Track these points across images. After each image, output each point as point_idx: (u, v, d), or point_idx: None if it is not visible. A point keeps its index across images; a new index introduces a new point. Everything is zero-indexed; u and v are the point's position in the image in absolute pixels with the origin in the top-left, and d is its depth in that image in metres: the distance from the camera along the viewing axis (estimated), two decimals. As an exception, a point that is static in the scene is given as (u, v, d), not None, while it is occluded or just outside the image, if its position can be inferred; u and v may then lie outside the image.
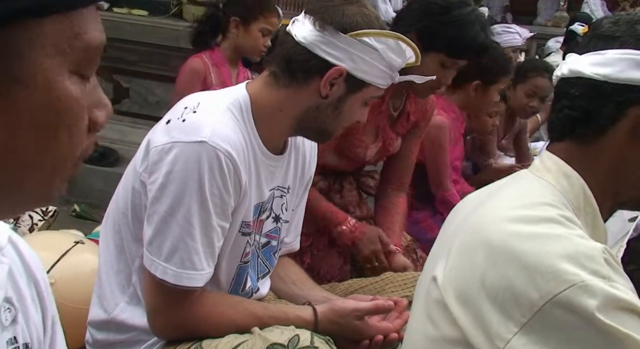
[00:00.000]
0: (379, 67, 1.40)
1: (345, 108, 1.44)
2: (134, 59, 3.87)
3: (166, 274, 1.31)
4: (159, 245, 1.31)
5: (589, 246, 0.89)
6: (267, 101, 1.42)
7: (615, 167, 0.99)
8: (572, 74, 1.02)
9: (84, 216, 3.52)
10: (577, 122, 1.01)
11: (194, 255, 1.31)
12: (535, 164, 1.07)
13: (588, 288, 0.83)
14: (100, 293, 1.48)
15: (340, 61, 1.38)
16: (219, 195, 1.31)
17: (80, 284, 2.06)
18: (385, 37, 1.38)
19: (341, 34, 1.36)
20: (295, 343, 1.27)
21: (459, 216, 1.11)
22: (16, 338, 0.70)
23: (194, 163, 1.28)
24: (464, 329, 0.93)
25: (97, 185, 3.71)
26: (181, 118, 1.34)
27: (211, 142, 1.29)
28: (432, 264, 1.08)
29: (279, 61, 1.43)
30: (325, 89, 1.39)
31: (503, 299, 0.89)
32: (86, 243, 2.27)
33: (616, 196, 1.02)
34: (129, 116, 4.02)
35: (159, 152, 1.31)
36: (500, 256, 0.91)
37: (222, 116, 1.37)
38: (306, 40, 1.38)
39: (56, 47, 0.50)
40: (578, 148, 1.01)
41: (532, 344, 0.86)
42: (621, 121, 0.98)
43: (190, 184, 1.28)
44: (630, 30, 0.99)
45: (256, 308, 1.43)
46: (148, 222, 1.33)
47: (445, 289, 0.99)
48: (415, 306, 1.12)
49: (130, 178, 1.43)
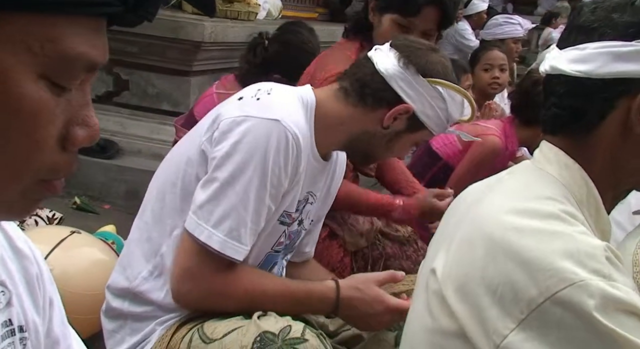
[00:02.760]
0: (440, 116, 1.50)
1: (398, 143, 1.54)
2: (133, 50, 3.86)
3: (211, 239, 1.33)
4: (210, 210, 1.34)
5: (590, 244, 0.88)
6: (331, 111, 1.49)
7: (612, 158, 0.98)
8: (554, 71, 1.00)
9: (84, 208, 3.52)
10: (567, 120, 0.99)
11: (242, 227, 1.35)
12: (535, 156, 1.06)
13: (587, 287, 0.83)
14: (125, 260, 1.50)
15: (411, 100, 1.47)
16: (278, 175, 1.36)
17: (77, 270, 2.09)
18: (455, 92, 1.49)
19: (420, 77, 1.46)
20: (286, 333, 1.30)
21: (461, 208, 1.10)
22: (11, 320, 0.70)
23: (264, 138, 1.33)
24: (461, 322, 0.93)
25: (97, 177, 3.72)
26: (255, 97, 1.41)
27: (284, 122, 1.35)
28: (433, 255, 1.07)
29: (353, 81, 1.51)
30: (389, 120, 1.48)
31: (502, 294, 0.88)
32: (82, 233, 2.28)
33: (617, 186, 1.01)
34: (128, 108, 4.01)
35: (230, 123, 1.36)
36: (500, 250, 0.91)
37: (294, 104, 1.44)
38: (387, 72, 1.47)
39: (25, 45, 0.48)
40: (573, 142, 1.00)
41: (529, 340, 0.85)
42: (611, 114, 0.96)
43: (256, 158, 1.33)
44: (607, 20, 0.95)
45: (283, 279, 1.50)
46: (203, 188, 1.36)
47: (444, 281, 0.98)
48: (415, 297, 1.12)
49: (187, 148, 1.46)
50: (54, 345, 0.78)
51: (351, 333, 1.60)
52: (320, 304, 1.47)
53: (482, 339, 0.90)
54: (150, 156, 3.68)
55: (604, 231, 1.00)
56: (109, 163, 3.74)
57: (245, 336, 1.32)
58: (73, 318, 1.64)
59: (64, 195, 3.66)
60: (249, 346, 1.30)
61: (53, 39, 0.49)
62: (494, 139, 2.52)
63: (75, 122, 0.53)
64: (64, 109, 0.52)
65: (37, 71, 0.50)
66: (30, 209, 0.56)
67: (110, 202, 3.62)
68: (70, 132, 0.53)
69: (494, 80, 3.51)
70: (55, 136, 0.52)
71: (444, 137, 2.70)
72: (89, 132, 0.55)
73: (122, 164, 3.73)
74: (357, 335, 1.60)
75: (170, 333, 1.42)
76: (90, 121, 0.55)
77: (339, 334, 1.59)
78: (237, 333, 1.33)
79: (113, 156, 3.81)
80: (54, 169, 0.54)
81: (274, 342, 1.29)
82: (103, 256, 2.21)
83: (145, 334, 1.45)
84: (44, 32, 0.49)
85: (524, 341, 0.85)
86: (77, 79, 0.53)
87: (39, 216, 2.70)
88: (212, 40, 3.75)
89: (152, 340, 1.44)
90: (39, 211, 2.71)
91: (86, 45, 0.51)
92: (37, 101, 0.50)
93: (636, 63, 0.93)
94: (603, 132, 0.97)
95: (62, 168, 0.54)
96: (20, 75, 0.49)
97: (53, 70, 0.50)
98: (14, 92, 0.49)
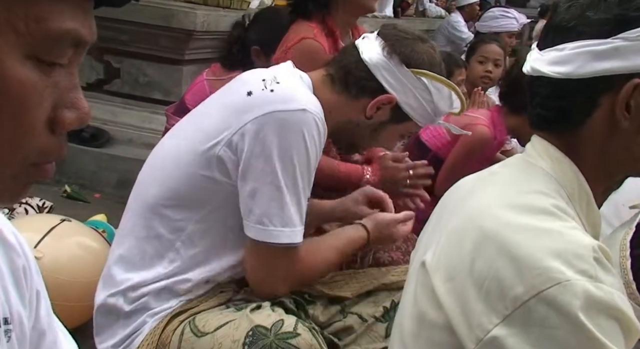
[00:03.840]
0: (425, 108, 1.48)
1: (383, 134, 1.53)
2: (124, 38, 3.83)
3: (286, 237, 1.38)
4: (276, 214, 1.36)
5: (580, 243, 0.88)
6: (322, 97, 1.47)
7: (601, 153, 0.98)
8: (535, 72, 1.00)
9: (74, 196, 3.50)
10: (553, 120, 0.99)
11: (298, 215, 1.39)
12: (527, 150, 1.06)
13: (573, 287, 0.83)
14: (137, 258, 1.47)
15: (394, 90, 1.45)
16: (316, 158, 1.40)
17: (67, 258, 2.08)
18: (442, 84, 1.47)
19: (404, 67, 1.44)
20: (278, 327, 1.30)
21: (452, 201, 1.10)
22: None
23: (298, 131, 1.34)
24: (448, 314, 0.93)
25: (88, 166, 3.70)
26: (267, 89, 1.38)
27: (310, 109, 1.37)
28: (424, 247, 1.08)
29: (338, 69, 1.50)
30: (372, 110, 1.47)
31: (488, 289, 0.89)
32: (73, 221, 2.27)
33: (608, 179, 1.02)
34: (119, 96, 3.99)
35: (258, 125, 1.34)
36: (490, 245, 0.91)
37: (304, 86, 1.45)
38: (371, 60, 1.45)
39: (10, 24, 0.48)
40: (561, 139, 1.00)
41: (512, 336, 0.85)
42: (596, 112, 0.96)
43: (297, 151, 1.34)
44: (582, 18, 0.95)
45: (330, 241, 1.56)
46: (254, 196, 1.36)
47: (433, 273, 0.99)
48: (406, 288, 1.12)
49: (190, 166, 1.42)
50: (40, 337, 0.77)
51: (342, 324, 1.60)
52: (359, 245, 1.59)
53: (465, 332, 0.90)
54: (142, 145, 3.66)
55: (595, 225, 1.00)
56: (99, 152, 3.73)
57: (237, 330, 1.32)
58: (63, 305, 1.65)
59: (54, 183, 3.64)
60: (240, 340, 1.30)
61: (38, 17, 0.49)
62: (483, 129, 2.52)
63: (63, 105, 0.53)
64: (52, 92, 0.52)
65: (24, 51, 0.49)
66: (21, 194, 0.55)
67: (100, 191, 3.61)
68: (59, 115, 0.53)
69: (486, 74, 3.53)
70: (44, 118, 0.52)
71: (433, 129, 2.70)
72: (78, 115, 0.54)
73: (113, 152, 3.71)
74: (349, 327, 1.60)
75: (162, 325, 1.41)
76: (80, 104, 0.54)
77: (330, 326, 1.59)
78: (229, 327, 1.33)
79: (104, 144, 3.79)
80: (43, 153, 0.53)
81: (266, 336, 1.29)
82: (94, 244, 2.20)
83: (135, 327, 1.44)
84: (28, 11, 0.48)
85: (507, 337, 0.86)
86: (65, 56, 0.52)
87: (29, 205, 2.68)
88: (204, 29, 3.72)
89: (144, 332, 1.43)
90: (28, 200, 2.69)
91: (72, 22, 0.51)
92: (24, 82, 0.49)
93: (614, 60, 0.92)
94: (590, 128, 0.97)
95: (52, 151, 0.54)
96: (6, 56, 0.48)
97: (40, 49, 0.50)
98: (4, 74, 0.48)
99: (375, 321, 1.61)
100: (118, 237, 1.55)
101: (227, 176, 1.39)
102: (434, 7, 8.87)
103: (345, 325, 1.61)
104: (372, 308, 1.62)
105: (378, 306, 1.62)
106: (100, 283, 1.52)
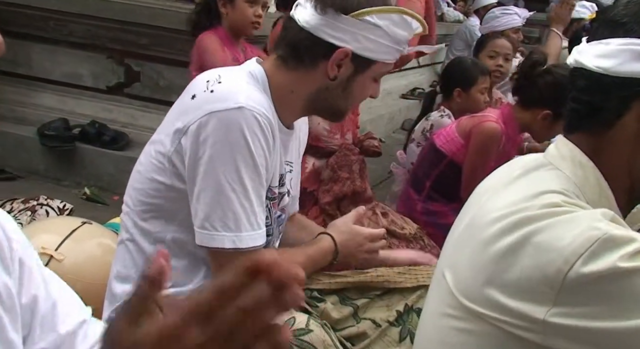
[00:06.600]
0: (384, 44, 1.41)
1: (355, 87, 1.46)
2: (144, 42, 3.87)
3: (240, 241, 1.32)
4: (220, 217, 1.31)
5: (590, 212, 0.88)
6: (278, 82, 1.44)
7: (627, 161, 0.96)
8: (577, 64, 0.98)
9: (94, 198, 3.55)
10: (584, 116, 0.98)
11: (252, 216, 1.34)
12: (550, 151, 1.03)
13: (612, 238, 0.82)
14: (123, 272, 1.47)
15: (345, 43, 1.39)
16: (264, 155, 1.34)
17: (89, 260, 2.11)
18: (388, 13, 1.39)
19: (342, 16, 1.37)
20: (290, 324, 1.31)
21: (474, 208, 1.06)
22: None
23: (237, 130, 1.30)
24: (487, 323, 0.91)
25: (107, 168, 3.74)
26: (208, 90, 1.35)
27: (248, 106, 1.31)
28: (445, 258, 1.06)
29: (284, 46, 1.45)
30: (333, 71, 1.41)
31: (524, 286, 0.86)
32: (94, 224, 2.31)
33: (631, 189, 0.99)
34: (139, 99, 4.03)
35: (197, 127, 1.32)
36: (509, 249, 0.89)
37: (248, 83, 1.40)
38: (309, 24, 1.39)
39: None
40: (589, 139, 0.98)
41: (568, 316, 0.84)
42: (626, 116, 0.94)
43: (238, 150, 1.30)
44: (636, 17, 0.93)
45: (302, 249, 1.52)
46: (199, 199, 1.32)
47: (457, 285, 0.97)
48: (429, 297, 1.11)
49: (150, 172, 1.42)
50: (34, 301, 0.80)
51: (356, 329, 1.60)
52: (328, 257, 1.55)
53: (523, 333, 0.88)
54: (160, 148, 3.69)
55: None
56: (119, 154, 3.77)
57: None
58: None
59: (74, 186, 3.69)
60: None
61: None
62: (491, 124, 2.50)
63: None
64: None
65: None
66: None
67: (119, 194, 3.62)
68: None
69: (497, 68, 3.50)
70: None
71: (445, 134, 2.70)
72: None
73: (132, 155, 3.74)
74: (362, 332, 1.60)
75: None
76: None
77: (343, 330, 1.59)
78: None
79: (123, 147, 3.83)
80: None
81: None
82: (114, 246, 2.22)
83: None
84: None
85: (563, 317, 0.84)
86: None
87: (50, 207, 2.71)
88: (223, 33, 3.74)
89: None
90: (49, 202, 2.73)
91: None
92: None
93: None
94: (619, 131, 0.95)
95: None
96: None
97: None
98: None
99: (389, 325, 1.60)
100: (116, 253, 1.55)
101: (183, 182, 1.37)
102: (452, 11, 8.83)
103: (359, 331, 1.60)
104: (385, 313, 1.61)
105: (391, 310, 1.61)
106: (106, 302, 1.53)
